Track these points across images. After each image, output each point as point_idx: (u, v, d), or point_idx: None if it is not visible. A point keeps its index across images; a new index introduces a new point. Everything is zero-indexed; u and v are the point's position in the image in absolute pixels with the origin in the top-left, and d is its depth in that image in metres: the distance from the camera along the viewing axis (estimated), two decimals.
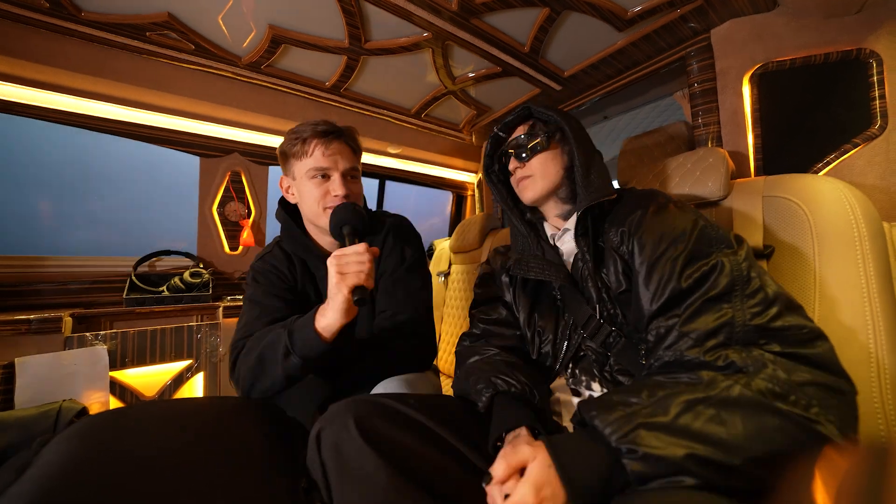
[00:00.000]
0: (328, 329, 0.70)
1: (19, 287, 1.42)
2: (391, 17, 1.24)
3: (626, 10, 1.23)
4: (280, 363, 0.72)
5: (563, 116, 0.76)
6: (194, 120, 1.62)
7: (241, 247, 1.88)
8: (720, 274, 0.54)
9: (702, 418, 0.43)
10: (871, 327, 0.65)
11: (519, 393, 0.64)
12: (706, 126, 1.32)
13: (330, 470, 0.54)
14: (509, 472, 0.47)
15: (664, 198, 0.68)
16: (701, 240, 0.59)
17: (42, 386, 1.24)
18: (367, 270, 0.68)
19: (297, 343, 0.71)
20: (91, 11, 1.19)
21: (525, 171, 0.78)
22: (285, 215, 0.95)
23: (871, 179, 0.99)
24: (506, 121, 0.82)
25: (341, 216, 0.80)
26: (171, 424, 0.63)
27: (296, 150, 0.86)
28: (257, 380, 0.76)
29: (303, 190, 0.87)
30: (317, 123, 0.87)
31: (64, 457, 0.51)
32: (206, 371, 1.58)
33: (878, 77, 1.00)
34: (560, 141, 0.77)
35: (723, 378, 0.46)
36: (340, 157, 0.87)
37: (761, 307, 0.51)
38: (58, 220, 7.20)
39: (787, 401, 0.44)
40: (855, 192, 0.72)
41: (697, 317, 0.53)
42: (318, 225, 0.90)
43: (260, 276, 0.92)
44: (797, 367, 0.46)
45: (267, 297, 0.88)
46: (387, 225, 0.98)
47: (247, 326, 0.84)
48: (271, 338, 0.75)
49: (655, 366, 0.55)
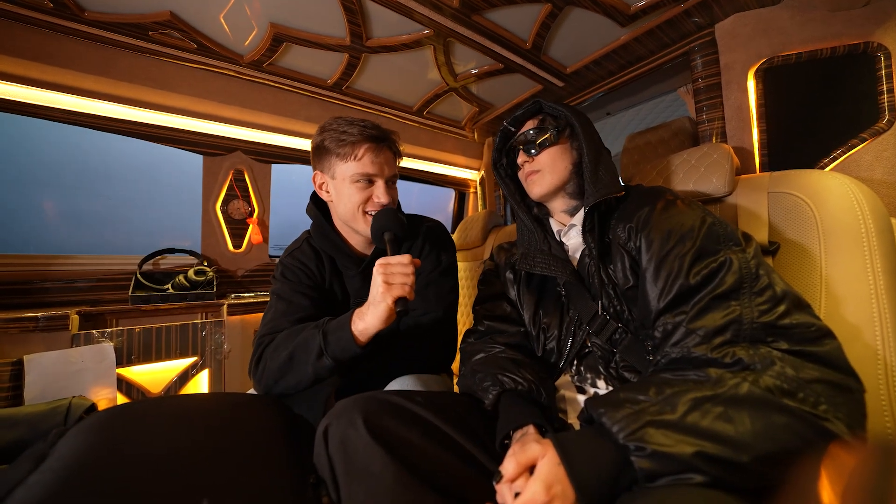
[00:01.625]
0: (365, 333, 0.70)
1: (27, 285, 1.44)
2: (392, 14, 1.23)
3: (629, 5, 1.22)
4: (311, 363, 0.72)
5: (572, 112, 0.76)
6: (197, 119, 1.63)
7: (248, 244, 1.89)
8: (728, 271, 0.54)
9: (710, 416, 0.43)
10: (878, 324, 0.64)
11: (525, 391, 0.64)
12: (710, 122, 1.31)
13: (337, 466, 0.54)
14: (519, 471, 0.48)
15: (672, 194, 0.68)
16: (709, 237, 0.58)
17: (50, 383, 1.25)
18: (411, 283, 0.69)
19: (332, 344, 0.71)
20: (94, 11, 1.20)
21: (534, 165, 0.78)
22: (317, 212, 0.95)
23: (879, 175, 0.98)
24: (516, 115, 0.82)
25: (383, 222, 0.80)
26: (181, 420, 0.64)
27: (343, 151, 0.83)
28: (283, 377, 0.75)
29: (342, 191, 0.86)
30: (364, 125, 0.84)
31: (81, 448, 0.52)
32: (211, 368, 1.59)
33: (886, 71, 0.98)
34: (569, 137, 0.77)
35: (730, 375, 0.46)
36: (386, 165, 0.87)
37: (769, 305, 0.51)
38: (63, 219, 7.27)
39: (795, 398, 0.43)
40: (862, 188, 0.72)
41: (705, 314, 0.53)
42: (352, 227, 0.90)
43: (289, 272, 0.92)
44: (805, 365, 0.46)
45: (294, 295, 0.87)
46: (423, 228, 1.00)
47: (272, 322, 0.84)
48: (304, 337, 0.75)
49: (662, 362, 0.55)
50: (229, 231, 1.86)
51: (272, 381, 0.77)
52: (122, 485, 0.49)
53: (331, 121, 0.87)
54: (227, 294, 1.79)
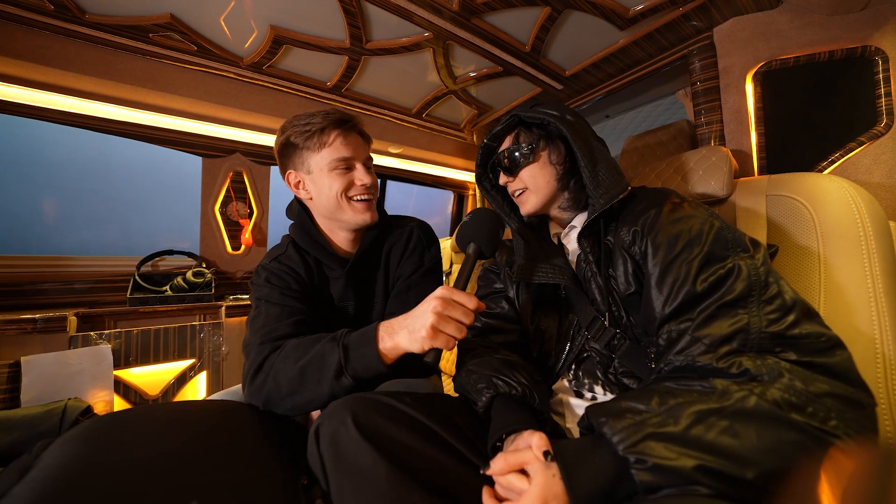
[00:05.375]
0: (394, 352, 0.63)
1: (24, 287, 1.44)
2: (392, 17, 1.24)
3: (628, 8, 1.23)
4: (328, 381, 0.63)
5: (557, 115, 0.71)
6: (196, 120, 1.63)
7: (243, 246, 1.89)
8: (737, 279, 0.52)
9: (714, 430, 0.42)
10: (878, 327, 0.64)
11: (520, 395, 0.63)
12: (709, 125, 1.31)
13: (328, 463, 0.55)
14: (507, 469, 0.48)
15: (678, 197, 0.66)
16: (717, 242, 0.57)
17: (47, 384, 1.25)
18: (460, 337, 0.60)
19: (354, 361, 0.63)
20: (95, 13, 1.20)
21: (516, 184, 0.76)
22: (300, 209, 0.90)
23: (877, 178, 0.98)
24: (494, 131, 0.79)
25: (476, 230, 0.70)
26: (171, 425, 0.63)
27: (312, 143, 0.79)
28: (293, 394, 0.66)
29: (321, 183, 0.81)
30: (326, 112, 0.81)
31: (66, 457, 0.52)
32: (209, 370, 1.59)
33: (884, 74, 0.99)
34: (547, 147, 0.74)
35: (737, 388, 0.45)
36: (360, 147, 0.83)
37: (778, 314, 0.49)
38: (61, 220, 7.29)
39: (804, 412, 0.42)
40: (860, 191, 0.72)
41: (711, 322, 0.51)
42: (339, 219, 0.85)
43: (274, 278, 0.84)
44: (814, 377, 0.45)
45: (285, 298, 0.81)
46: (408, 228, 0.96)
47: (267, 326, 0.75)
48: (319, 351, 0.66)
49: (665, 370, 0.53)
50: (228, 233, 1.86)
51: (277, 397, 0.68)
52: (105, 493, 0.49)
53: (289, 119, 0.83)
54: (225, 296, 1.79)
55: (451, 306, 0.60)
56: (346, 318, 0.92)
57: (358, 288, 0.92)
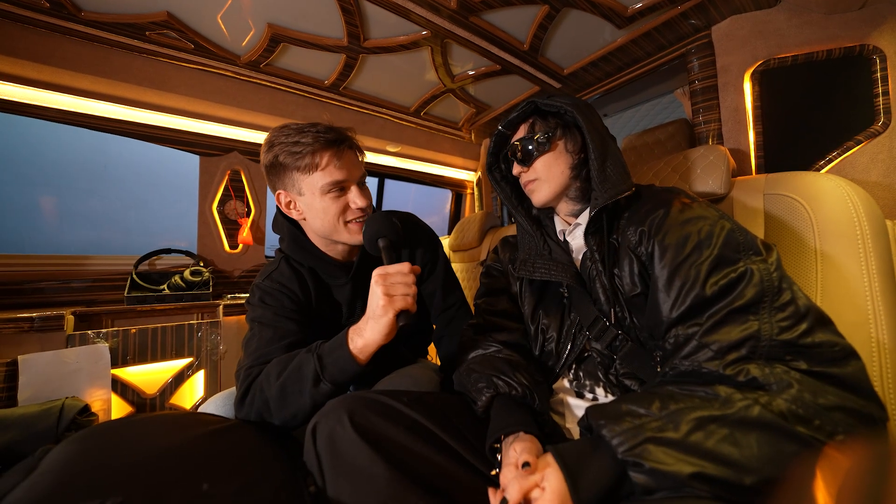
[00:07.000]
0: (365, 350, 0.65)
1: (22, 285, 1.43)
2: (390, 15, 1.23)
3: (627, 7, 1.23)
4: (308, 392, 0.66)
5: (572, 103, 0.70)
6: (194, 119, 1.62)
7: (241, 245, 1.88)
8: (748, 283, 0.50)
9: (714, 437, 0.41)
10: (874, 325, 0.64)
11: (519, 396, 0.63)
12: (707, 123, 1.31)
13: (324, 461, 0.55)
14: (522, 496, 0.46)
15: (688, 197, 0.64)
16: (728, 245, 0.54)
17: (44, 383, 1.24)
18: (413, 293, 0.64)
19: (329, 367, 0.66)
20: (91, 11, 1.20)
21: (529, 174, 0.74)
22: (289, 225, 0.87)
23: (874, 177, 0.98)
24: (510, 118, 0.77)
25: (376, 228, 0.74)
26: (174, 425, 0.64)
27: (302, 164, 0.76)
28: (278, 411, 0.69)
29: (315, 206, 0.79)
30: (317, 129, 0.77)
31: (70, 455, 0.53)
32: (207, 369, 1.58)
33: (882, 73, 0.99)
34: (564, 136, 0.73)
35: (740, 396, 0.44)
36: (353, 167, 0.80)
37: (791, 321, 0.47)
38: (59, 218, 7.26)
39: (810, 425, 0.41)
40: (857, 190, 0.72)
41: (720, 327, 0.50)
42: (334, 240, 0.84)
43: (268, 297, 0.83)
44: (825, 389, 0.43)
45: (278, 320, 0.80)
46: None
47: (259, 350, 0.76)
48: (296, 364, 0.69)
49: (670, 374, 0.52)
50: (226, 232, 1.85)
51: (267, 417, 0.71)
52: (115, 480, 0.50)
53: (276, 133, 0.78)
54: (223, 295, 1.78)
55: (389, 276, 0.65)
56: None
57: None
